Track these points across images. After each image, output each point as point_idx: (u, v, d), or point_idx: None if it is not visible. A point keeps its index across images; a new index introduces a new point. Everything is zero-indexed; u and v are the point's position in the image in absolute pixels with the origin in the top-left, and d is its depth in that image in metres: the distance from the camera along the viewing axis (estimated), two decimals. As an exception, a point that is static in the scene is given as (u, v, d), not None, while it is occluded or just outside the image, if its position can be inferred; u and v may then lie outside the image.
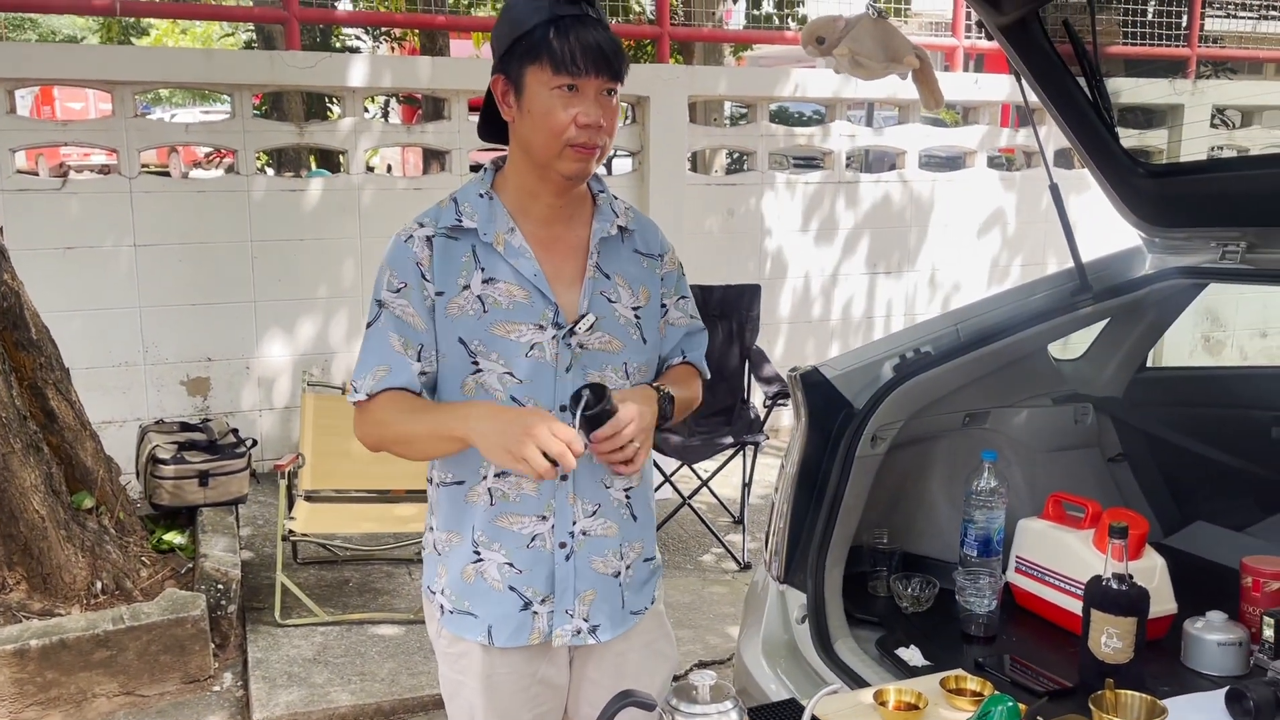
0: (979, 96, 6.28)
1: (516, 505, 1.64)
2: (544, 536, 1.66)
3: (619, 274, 1.68)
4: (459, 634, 1.70)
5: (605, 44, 1.53)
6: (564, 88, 1.53)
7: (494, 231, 1.62)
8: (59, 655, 3.10)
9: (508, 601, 1.67)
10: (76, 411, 3.69)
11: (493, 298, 1.60)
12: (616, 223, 1.69)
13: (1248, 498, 2.64)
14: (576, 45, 1.51)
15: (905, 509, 2.52)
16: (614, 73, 1.54)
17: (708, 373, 1.85)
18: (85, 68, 4.86)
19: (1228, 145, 6.94)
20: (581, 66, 1.51)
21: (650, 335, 1.71)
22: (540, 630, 1.68)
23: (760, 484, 4.65)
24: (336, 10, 8.06)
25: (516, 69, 1.55)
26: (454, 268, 1.61)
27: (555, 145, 1.55)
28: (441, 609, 1.72)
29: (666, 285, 1.75)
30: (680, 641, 3.54)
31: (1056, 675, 1.97)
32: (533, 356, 1.61)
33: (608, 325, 1.65)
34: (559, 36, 1.51)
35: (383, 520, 3.87)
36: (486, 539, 1.66)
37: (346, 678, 3.29)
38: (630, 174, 5.68)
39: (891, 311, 6.29)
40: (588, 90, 1.53)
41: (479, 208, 1.63)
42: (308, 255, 5.02)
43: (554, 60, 1.51)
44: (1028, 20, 2.20)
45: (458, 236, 1.62)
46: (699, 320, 1.82)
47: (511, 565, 1.66)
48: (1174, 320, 2.73)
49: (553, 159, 1.57)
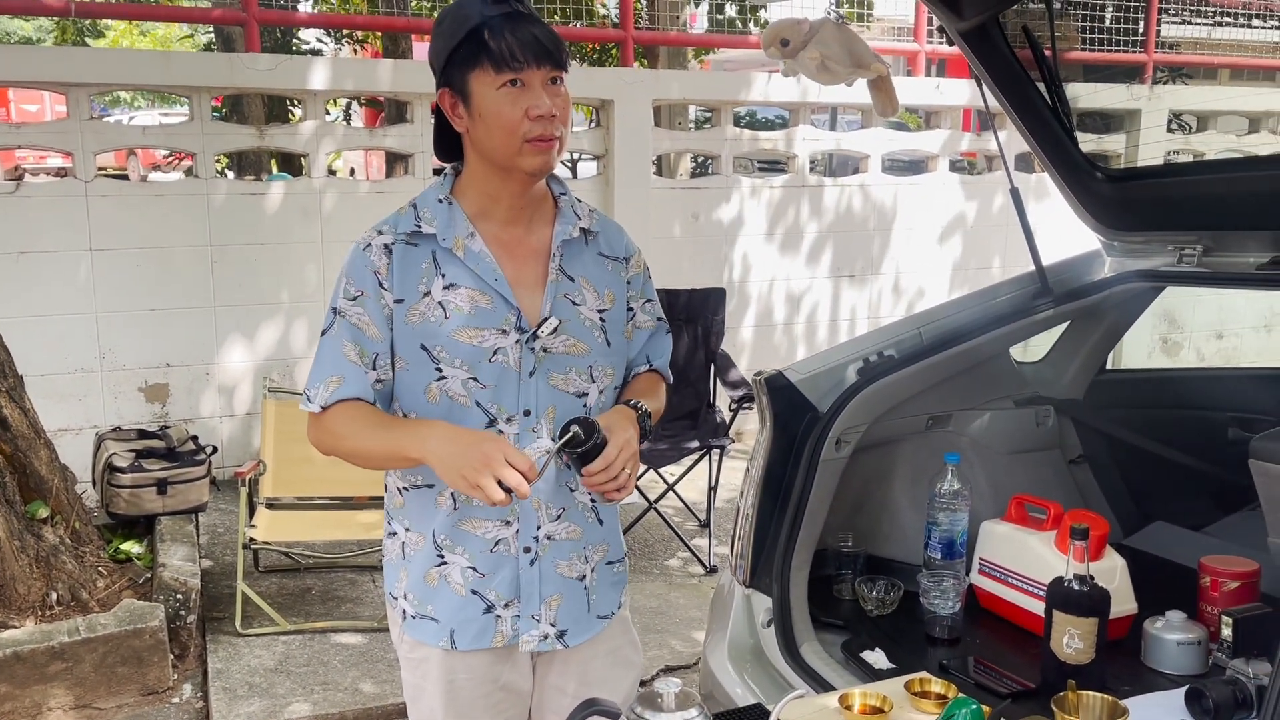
0: (941, 101, 6.33)
1: (480, 510, 1.63)
2: (508, 541, 1.65)
3: (583, 277, 1.67)
4: (420, 639, 1.69)
5: (541, 35, 1.53)
6: (509, 84, 1.52)
7: (453, 236, 1.60)
8: (12, 668, 3.03)
9: (470, 605, 1.66)
10: (30, 419, 3.62)
11: (454, 303, 1.59)
12: (579, 225, 1.68)
13: (1206, 498, 2.67)
14: (513, 41, 1.51)
15: (869, 512, 2.53)
16: (555, 61, 1.54)
17: (670, 377, 1.85)
18: (40, 69, 4.78)
19: (1184, 150, 7.05)
20: (522, 59, 1.51)
21: (615, 339, 1.70)
22: (504, 634, 1.66)
23: (726, 488, 4.65)
24: (297, 12, 7.99)
25: (459, 79, 1.55)
26: (414, 274, 1.59)
27: (514, 143, 1.54)
28: (404, 614, 1.70)
29: (633, 288, 1.74)
30: (646, 646, 3.54)
31: (1020, 676, 1.99)
32: (496, 361, 1.59)
33: (572, 328, 1.64)
34: (494, 36, 1.51)
35: (345, 527, 3.83)
36: (450, 542, 1.65)
37: (309, 687, 3.25)
38: (595, 177, 5.67)
39: (855, 315, 6.32)
40: (533, 82, 1.53)
41: (438, 213, 1.62)
42: (269, 260, 4.96)
43: (494, 60, 1.51)
44: (988, 25, 2.22)
45: (417, 243, 1.61)
46: (665, 323, 1.82)
47: (474, 569, 1.65)
48: (1133, 323, 2.77)
49: (513, 157, 1.56)
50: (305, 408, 1.63)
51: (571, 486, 1.68)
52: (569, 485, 1.67)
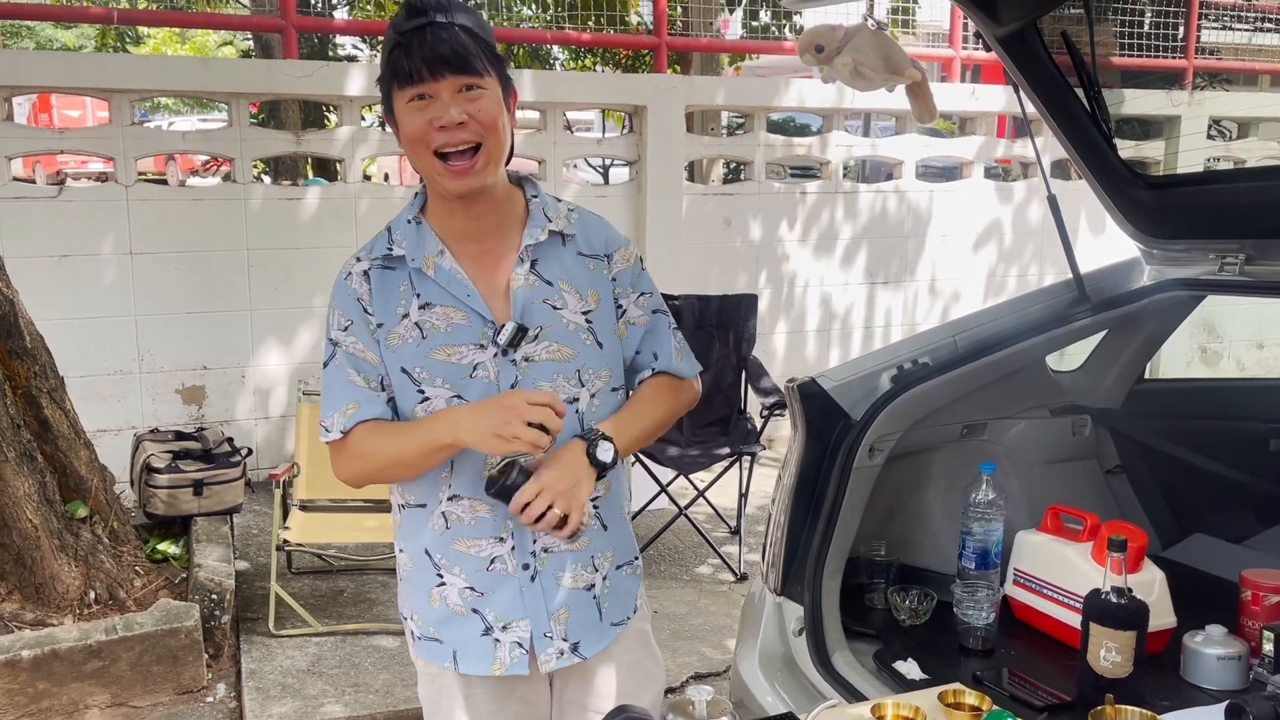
0: (976, 107, 6.29)
1: (471, 529, 1.62)
2: (504, 559, 1.63)
3: (562, 279, 1.63)
4: (430, 659, 1.69)
5: (445, 47, 1.48)
6: (415, 99, 1.51)
7: (423, 256, 1.60)
8: (51, 666, 3.08)
9: (471, 625, 1.65)
10: (71, 420, 3.68)
11: (430, 322, 1.59)
12: (548, 228, 1.63)
13: (1246, 510, 2.63)
14: (419, 55, 1.48)
15: (903, 521, 2.51)
16: (460, 69, 1.49)
17: (692, 367, 1.77)
18: (82, 76, 4.85)
19: (1224, 157, 6.95)
20: (420, 74, 1.49)
21: (607, 339, 1.66)
22: (503, 661, 1.64)
23: (757, 495, 4.64)
24: (334, 19, 8.07)
25: (388, 103, 1.56)
26: (392, 298, 1.60)
27: (426, 157, 1.53)
28: (413, 635, 1.71)
29: (620, 284, 1.68)
30: (676, 653, 3.54)
31: (1055, 689, 1.96)
32: (477, 377, 1.58)
33: (555, 334, 1.61)
34: (404, 53, 1.49)
35: (377, 530, 3.85)
36: (447, 562, 1.64)
37: (340, 689, 3.27)
38: (627, 183, 5.67)
39: (889, 322, 6.29)
40: (440, 94, 1.50)
41: (408, 234, 1.62)
42: (304, 264, 5.01)
43: (399, 77, 1.51)
44: (1026, 31, 2.20)
45: (393, 266, 1.61)
46: (667, 315, 1.75)
47: (472, 589, 1.64)
48: (1172, 332, 2.73)
49: (433, 175, 1.55)
50: (326, 438, 1.62)
51: None
52: None
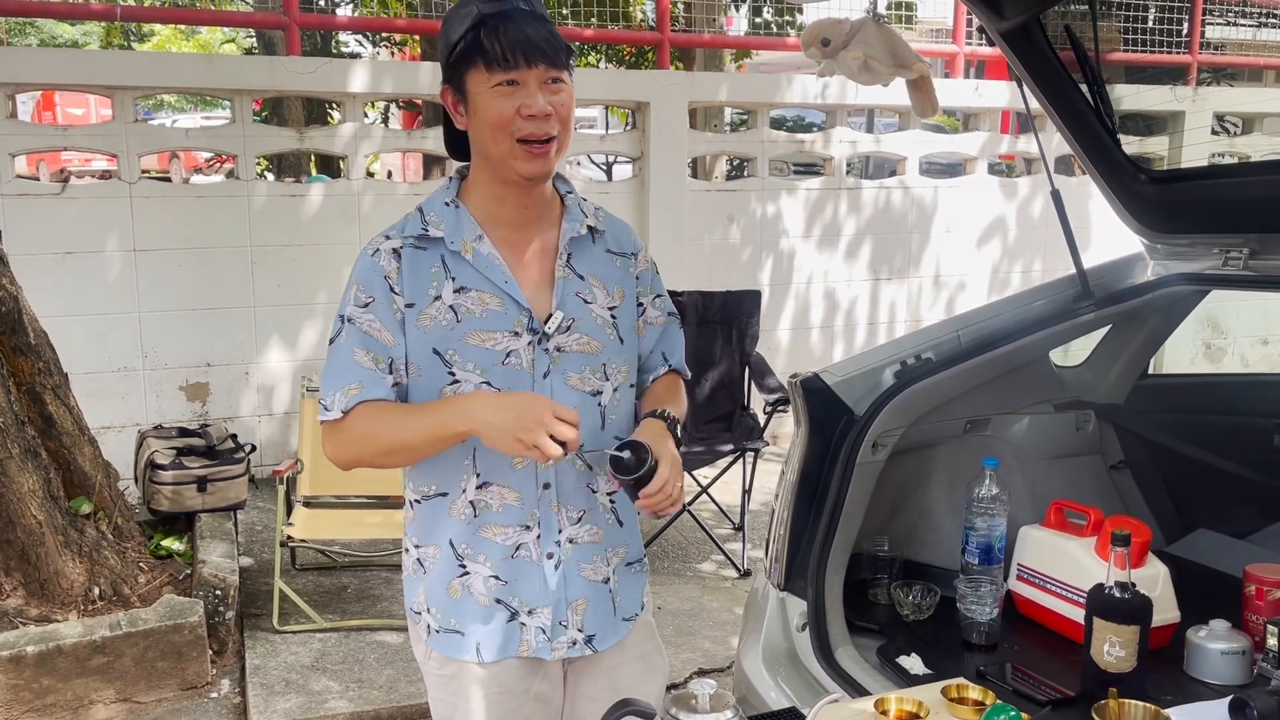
0: (979, 103, 6.28)
1: (499, 515, 1.62)
2: (529, 546, 1.64)
3: (593, 274, 1.67)
4: (449, 654, 1.67)
5: (537, 34, 1.51)
6: (503, 84, 1.52)
7: (461, 239, 1.60)
8: (55, 662, 3.08)
9: (495, 615, 1.64)
10: (75, 417, 3.68)
11: (465, 307, 1.59)
12: (586, 223, 1.67)
13: (1250, 505, 2.63)
14: (507, 41, 1.50)
15: (906, 516, 2.51)
16: (551, 60, 1.52)
17: (688, 373, 1.85)
18: (86, 73, 4.86)
19: (1228, 152, 6.94)
20: (514, 60, 1.50)
21: (627, 335, 1.70)
22: (530, 644, 1.65)
23: (760, 491, 4.64)
24: (337, 16, 8.07)
25: (458, 78, 1.56)
26: (424, 278, 1.59)
27: (506, 142, 1.54)
28: (428, 629, 1.68)
29: (642, 284, 1.74)
30: (679, 649, 3.54)
31: (1059, 684, 1.96)
32: (509, 364, 1.59)
33: (585, 326, 1.64)
34: (489, 36, 1.50)
35: (381, 526, 3.86)
36: (471, 551, 1.64)
37: (345, 685, 3.28)
38: (630, 180, 5.67)
39: (893, 318, 6.28)
40: (529, 82, 1.52)
41: (445, 216, 1.61)
42: (308, 261, 5.01)
43: (487, 59, 1.51)
44: (1029, 26, 2.20)
45: (425, 246, 1.60)
46: (676, 316, 1.82)
47: (497, 578, 1.64)
48: (1176, 327, 2.72)
49: (506, 158, 1.55)
50: (324, 417, 1.59)
51: (593, 488, 1.67)
52: (590, 486, 1.67)
